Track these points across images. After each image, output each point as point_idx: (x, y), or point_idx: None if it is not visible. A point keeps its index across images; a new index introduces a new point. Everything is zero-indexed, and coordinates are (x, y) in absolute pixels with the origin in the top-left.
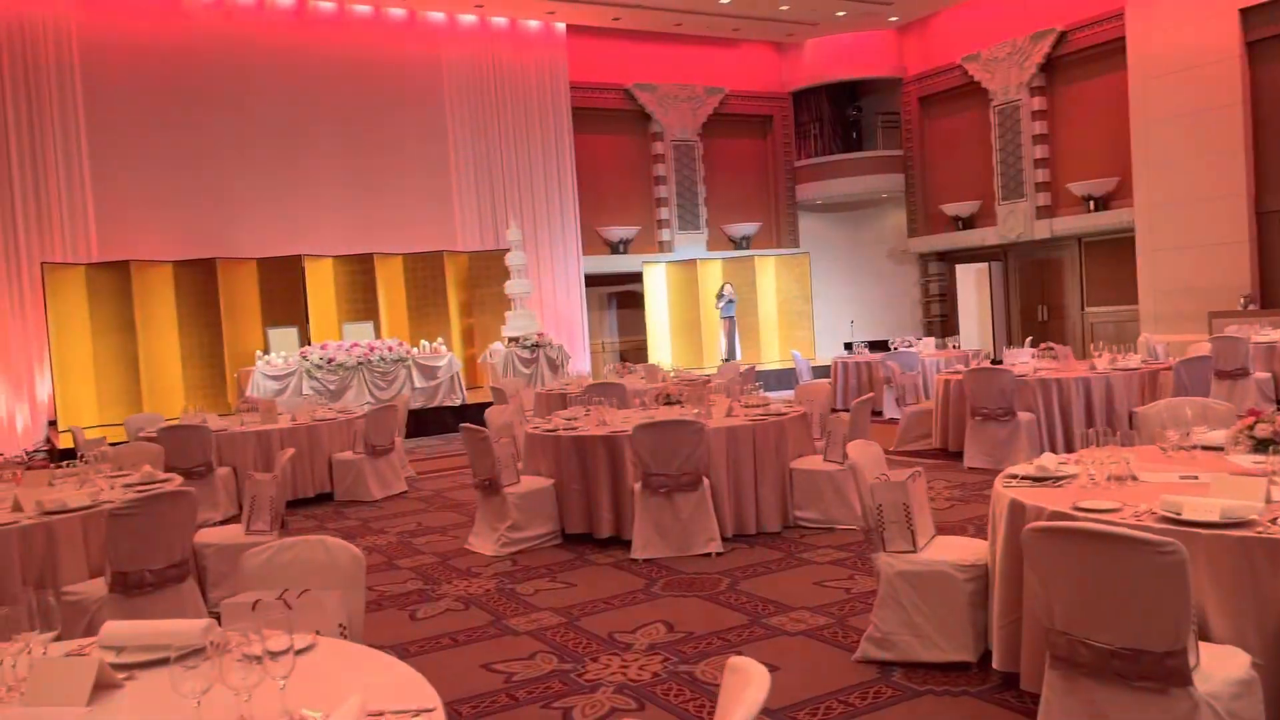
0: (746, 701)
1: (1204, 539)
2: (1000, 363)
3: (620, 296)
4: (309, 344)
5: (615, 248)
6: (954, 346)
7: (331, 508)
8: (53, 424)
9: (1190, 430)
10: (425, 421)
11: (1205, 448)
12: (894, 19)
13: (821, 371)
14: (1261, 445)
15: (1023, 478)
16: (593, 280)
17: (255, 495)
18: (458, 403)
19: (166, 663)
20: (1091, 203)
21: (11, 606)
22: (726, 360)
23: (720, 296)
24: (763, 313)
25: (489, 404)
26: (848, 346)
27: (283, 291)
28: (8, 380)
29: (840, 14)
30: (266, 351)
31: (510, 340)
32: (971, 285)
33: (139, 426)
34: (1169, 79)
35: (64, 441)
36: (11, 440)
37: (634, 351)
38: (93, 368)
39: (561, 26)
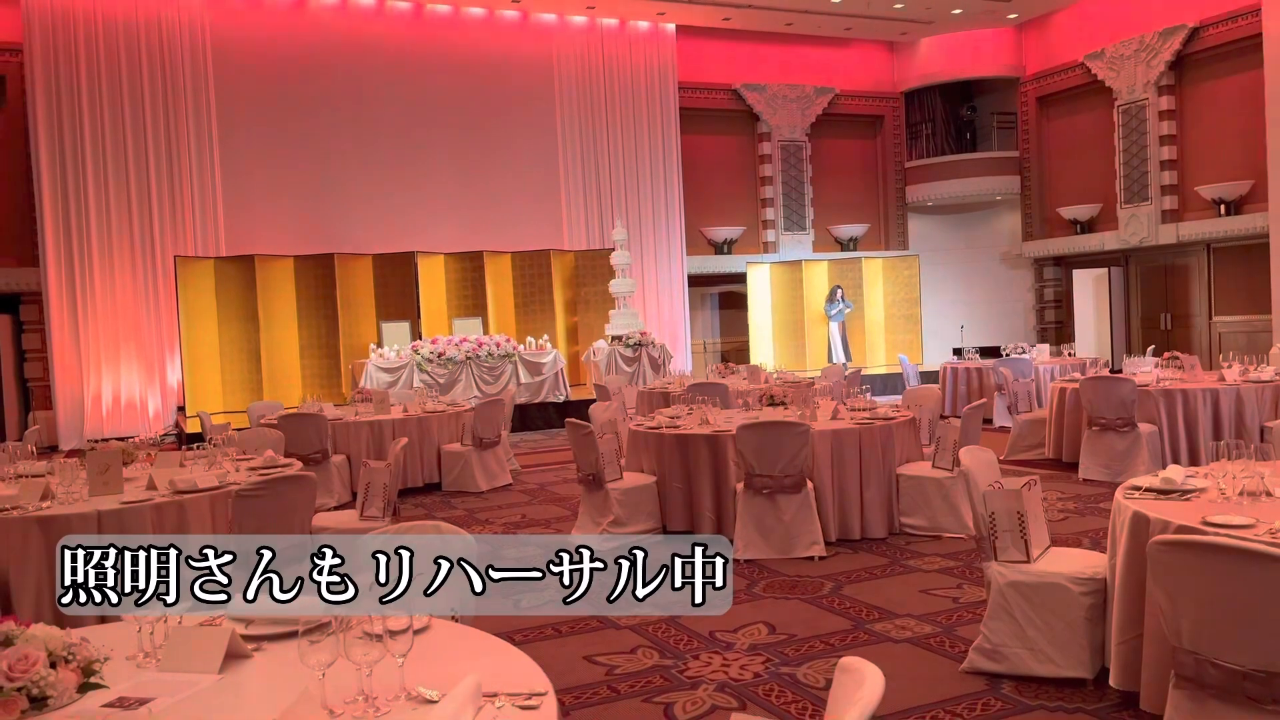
0: (860, 702)
1: None
2: (1120, 372)
3: (723, 297)
4: (420, 338)
5: (719, 248)
6: (1069, 354)
7: (439, 497)
8: (181, 409)
9: None
10: (530, 416)
11: None
12: (1013, 16)
13: (929, 377)
14: None
15: (1146, 489)
16: (696, 280)
17: (369, 482)
18: (561, 399)
19: (293, 636)
20: (1222, 206)
21: None
22: (845, 364)
23: (831, 300)
24: (869, 316)
25: (592, 401)
26: (957, 352)
27: (396, 287)
28: (142, 366)
29: (956, 12)
30: (380, 344)
31: (614, 338)
32: (1089, 291)
33: (260, 413)
34: None
35: (191, 426)
36: (144, 423)
37: (735, 352)
38: (218, 356)
39: (671, 27)
